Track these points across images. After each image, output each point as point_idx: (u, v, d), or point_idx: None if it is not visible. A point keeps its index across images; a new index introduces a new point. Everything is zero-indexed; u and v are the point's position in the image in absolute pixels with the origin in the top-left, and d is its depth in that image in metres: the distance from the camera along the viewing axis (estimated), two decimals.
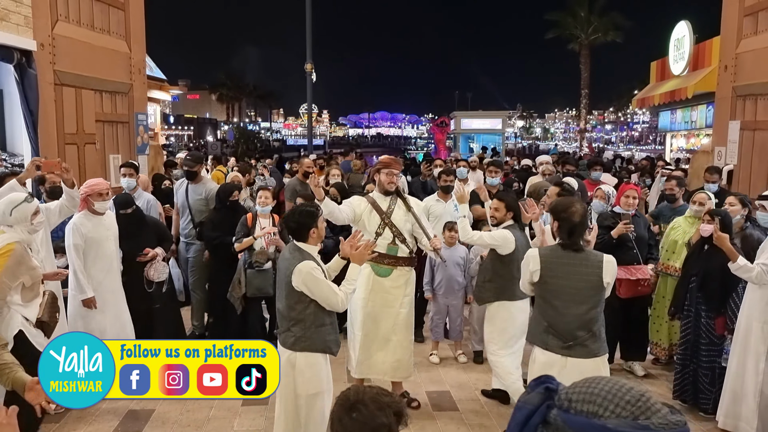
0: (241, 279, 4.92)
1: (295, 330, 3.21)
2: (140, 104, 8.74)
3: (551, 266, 3.26)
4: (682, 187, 5.81)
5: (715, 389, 4.22)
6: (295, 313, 3.20)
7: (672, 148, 13.40)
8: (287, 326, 3.24)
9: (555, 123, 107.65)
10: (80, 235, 4.29)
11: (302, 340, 3.19)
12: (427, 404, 4.48)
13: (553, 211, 3.35)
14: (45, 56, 6.46)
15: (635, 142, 71.03)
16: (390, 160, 4.50)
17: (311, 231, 3.26)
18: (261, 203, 5.20)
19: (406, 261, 4.32)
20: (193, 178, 5.98)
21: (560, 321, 3.22)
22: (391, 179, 4.33)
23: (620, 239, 4.84)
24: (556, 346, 3.22)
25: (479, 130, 22.70)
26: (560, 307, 3.23)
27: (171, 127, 63.07)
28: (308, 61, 15.90)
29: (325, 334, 3.24)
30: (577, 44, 33.96)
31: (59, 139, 6.70)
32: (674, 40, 11.99)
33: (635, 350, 5.11)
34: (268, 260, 4.98)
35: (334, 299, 3.17)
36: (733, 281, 4.19)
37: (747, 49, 7.68)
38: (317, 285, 3.15)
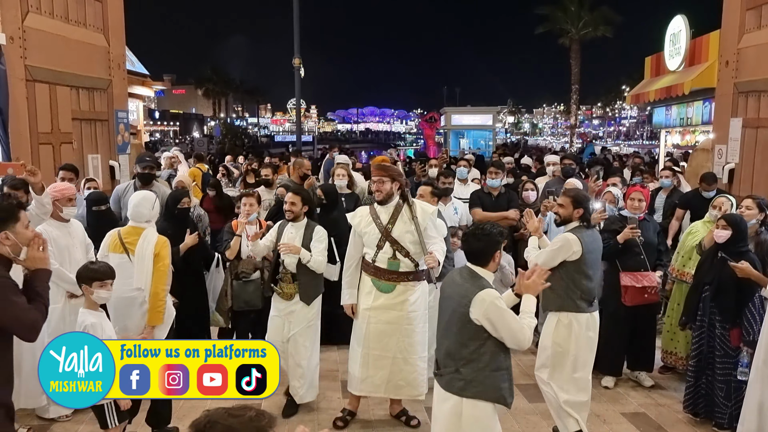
0: (227, 291, 4.59)
1: (465, 372, 2.78)
2: (120, 101, 8.37)
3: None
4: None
5: (731, 403, 4.04)
6: (468, 352, 2.78)
7: (666, 145, 13.24)
8: (455, 367, 2.81)
9: (543, 118, 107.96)
10: (50, 241, 3.94)
11: (473, 385, 2.78)
12: (427, 422, 4.21)
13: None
14: (15, 50, 6.10)
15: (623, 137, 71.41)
16: (374, 168, 4.23)
17: (495, 255, 2.88)
18: (246, 212, 4.73)
19: (411, 276, 4.01)
20: (149, 182, 5.55)
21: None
22: (377, 188, 4.02)
23: (627, 244, 4.63)
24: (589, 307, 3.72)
25: (470, 126, 22.46)
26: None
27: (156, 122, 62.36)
28: (296, 56, 15.55)
29: (500, 380, 2.81)
30: (568, 39, 33.86)
31: (32, 138, 6.35)
32: (670, 35, 11.79)
33: (642, 360, 4.91)
34: (255, 270, 4.64)
35: (521, 336, 2.73)
36: (749, 291, 4.01)
37: (749, 44, 7.48)
38: (502, 318, 2.72)
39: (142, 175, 5.58)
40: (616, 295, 4.68)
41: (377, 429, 4.11)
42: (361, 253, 4.10)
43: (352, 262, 4.13)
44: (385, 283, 3.98)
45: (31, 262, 2.65)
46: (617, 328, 4.75)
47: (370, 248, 4.01)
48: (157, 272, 3.82)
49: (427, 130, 28.53)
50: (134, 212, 3.94)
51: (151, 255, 3.82)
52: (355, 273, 4.12)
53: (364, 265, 4.08)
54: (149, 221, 3.96)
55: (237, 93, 61.23)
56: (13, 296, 2.49)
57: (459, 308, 2.81)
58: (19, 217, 2.62)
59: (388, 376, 4.03)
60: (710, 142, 8.58)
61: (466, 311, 2.77)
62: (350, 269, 4.14)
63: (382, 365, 4.02)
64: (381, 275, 3.98)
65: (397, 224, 3.97)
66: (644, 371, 4.91)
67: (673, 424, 4.24)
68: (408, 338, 4.02)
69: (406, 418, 4.18)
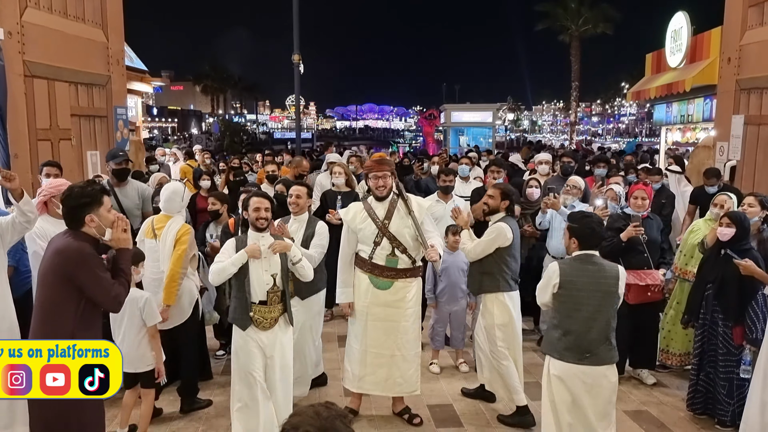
0: (226, 290, 4.55)
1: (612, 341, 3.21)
2: (119, 97, 8.31)
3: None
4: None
5: (733, 401, 4.04)
6: (614, 322, 3.20)
7: (667, 142, 13.21)
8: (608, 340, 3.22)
9: (542, 115, 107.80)
10: (44, 237, 3.87)
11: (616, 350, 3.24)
12: (430, 420, 4.21)
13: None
14: (13, 45, 6.03)
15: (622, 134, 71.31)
16: (373, 163, 4.13)
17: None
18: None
19: (409, 273, 3.99)
20: (125, 178, 5.36)
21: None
22: (378, 183, 3.96)
23: (630, 242, 4.61)
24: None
25: (470, 123, 22.38)
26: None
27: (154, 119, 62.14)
28: (295, 52, 15.45)
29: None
30: (568, 36, 33.80)
31: (30, 135, 6.28)
32: (671, 32, 11.75)
33: (644, 358, 4.89)
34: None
35: None
36: (752, 289, 3.99)
37: (752, 41, 7.44)
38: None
39: (116, 171, 5.33)
40: None
41: (380, 427, 4.09)
42: (355, 249, 4.04)
43: (346, 258, 4.07)
44: (384, 281, 3.94)
45: (116, 243, 2.93)
46: (619, 326, 4.67)
47: (366, 245, 3.95)
48: (175, 255, 4.08)
49: (426, 127, 28.47)
50: (166, 204, 4.24)
51: (172, 240, 4.12)
52: (350, 270, 4.06)
53: (359, 262, 4.02)
54: (180, 212, 4.31)
55: (235, 89, 61.02)
56: (100, 272, 2.78)
57: (610, 289, 3.20)
58: (103, 202, 2.89)
59: (387, 373, 4.00)
60: (711, 139, 8.55)
61: (615, 289, 3.20)
62: (344, 266, 4.07)
63: (381, 363, 4.00)
64: (379, 272, 3.94)
65: (393, 219, 3.93)
66: (646, 369, 4.89)
67: (676, 421, 4.23)
68: (405, 335, 4.00)
69: (408, 416, 4.16)
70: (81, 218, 2.81)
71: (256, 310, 3.45)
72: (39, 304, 2.80)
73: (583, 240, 3.29)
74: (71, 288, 2.71)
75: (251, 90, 62.54)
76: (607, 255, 4.73)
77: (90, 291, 2.72)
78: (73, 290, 2.71)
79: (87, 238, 2.82)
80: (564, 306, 3.27)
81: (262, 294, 3.47)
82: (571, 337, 3.22)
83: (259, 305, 3.46)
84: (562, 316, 3.28)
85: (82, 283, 2.70)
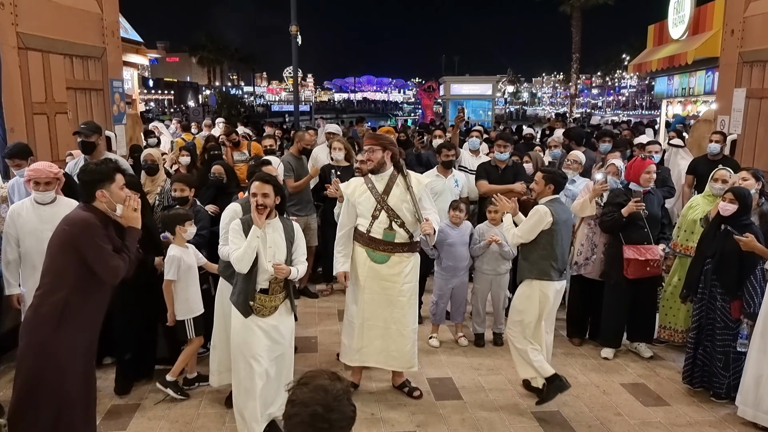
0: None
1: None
2: (115, 69, 8.18)
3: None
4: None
5: (729, 374, 4.10)
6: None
7: (667, 115, 13.12)
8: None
9: (542, 87, 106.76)
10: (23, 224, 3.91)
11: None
12: (430, 393, 4.27)
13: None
14: (6, 17, 5.91)
15: (622, 106, 70.79)
16: (365, 138, 4.17)
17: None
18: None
19: (406, 247, 4.00)
20: (91, 151, 5.25)
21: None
22: (368, 156, 3.97)
23: (631, 217, 4.62)
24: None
25: (469, 96, 22.18)
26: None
27: (150, 91, 61.40)
28: (293, 23, 15.16)
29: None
30: (569, 6, 33.21)
31: (26, 108, 6.19)
32: (674, 3, 11.56)
33: (642, 331, 4.94)
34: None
35: None
36: (751, 264, 4.02)
37: (756, 13, 7.31)
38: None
39: (82, 145, 5.26)
40: (618, 268, 4.69)
41: (380, 401, 4.15)
42: (354, 222, 4.05)
43: (345, 231, 4.09)
44: (380, 254, 3.96)
45: (125, 220, 3.06)
46: (618, 301, 4.78)
47: (365, 218, 3.97)
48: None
49: (425, 99, 28.22)
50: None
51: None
52: (348, 242, 4.09)
53: (357, 236, 4.05)
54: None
55: (232, 61, 59.98)
56: (101, 242, 2.89)
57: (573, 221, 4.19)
58: (115, 179, 3.01)
59: (382, 345, 4.05)
60: (712, 112, 8.48)
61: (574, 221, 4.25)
62: (343, 239, 4.09)
63: (376, 335, 4.04)
64: (376, 246, 3.96)
65: (392, 193, 3.94)
66: (644, 342, 4.96)
67: (672, 394, 4.30)
68: (401, 310, 4.03)
69: (408, 390, 4.22)
70: (93, 193, 2.97)
71: (257, 298, 3.41)
72: (44, 270, 2.96)
73: (557, 186, 4.13)
74: (72, 256, 2.85)
75: (248, 61, 61.43)
76: (607, 229, 4.79)
77: (90, 259, 2.86)
78: (74, 258, 2.85)
79: (96, 211, 2.97)
80: (554, 238, 4.01)
81: (264, 282, 3.42)
82: (558, 261, 4.04)
83: (260, 293, 3.41)
84: (551, 246, 4.01)
85: (82, 250, 2.84)
